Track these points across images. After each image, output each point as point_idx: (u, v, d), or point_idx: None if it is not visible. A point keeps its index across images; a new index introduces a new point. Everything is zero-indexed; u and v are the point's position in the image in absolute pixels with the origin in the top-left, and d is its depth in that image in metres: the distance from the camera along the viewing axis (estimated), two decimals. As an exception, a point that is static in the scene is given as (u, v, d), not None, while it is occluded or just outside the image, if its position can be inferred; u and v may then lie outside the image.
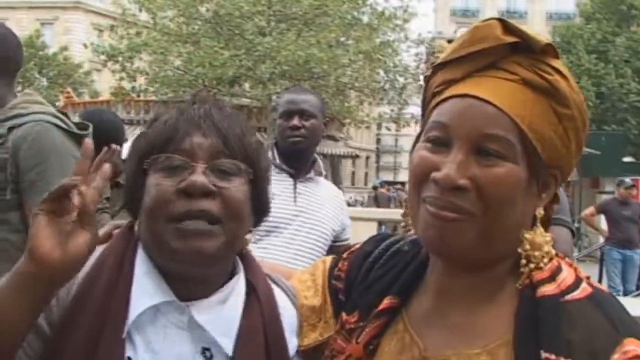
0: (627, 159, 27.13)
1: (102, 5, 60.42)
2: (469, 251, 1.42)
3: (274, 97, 26.68)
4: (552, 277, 1.42)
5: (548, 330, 1.34)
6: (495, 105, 1.39)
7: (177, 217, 1.54)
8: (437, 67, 1.53)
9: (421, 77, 32.67)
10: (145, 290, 1.59)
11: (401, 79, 31.11)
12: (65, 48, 50.77)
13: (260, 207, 1.73)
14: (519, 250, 1.42)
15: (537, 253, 1.42)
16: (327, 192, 4.31)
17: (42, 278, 1.39)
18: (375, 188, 34.82)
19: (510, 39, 1.41)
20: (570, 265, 1.47)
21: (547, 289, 1.40)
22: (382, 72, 31.01)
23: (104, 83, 43.38)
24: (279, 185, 4.02)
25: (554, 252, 1.48)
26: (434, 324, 1.50)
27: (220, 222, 1.56)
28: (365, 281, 1.67)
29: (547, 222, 1.52)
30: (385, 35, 30.06)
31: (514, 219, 1.40)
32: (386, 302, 1.57)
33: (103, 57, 28.54)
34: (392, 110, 33.37)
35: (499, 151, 1.38)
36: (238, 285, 1.69)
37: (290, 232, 3.93)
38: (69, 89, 32.43)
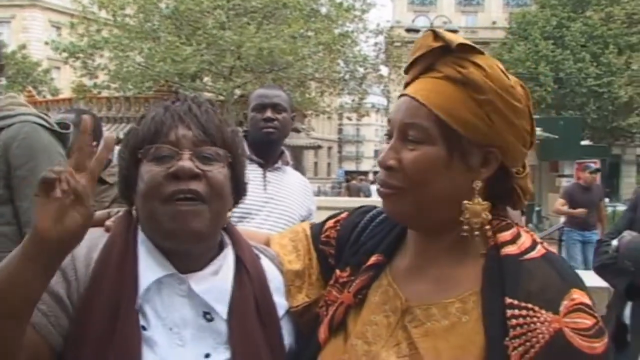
0: (584, 143, 27.60)
1: (59, 2, 59.77)
2: (410, 218, 1.78)
3: (236, 90, 26.80)
4: (513, 241, 1.71)
5: (510, 282, 1.63)
6: (417, 100, 1.72)
7: (168, 197, 1.78)
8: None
9: (380, 67, 32.75)
10: (150, 267, 1.84)
11: (361, 69, 31.20)
12: (23, 46, 49.96)
13: (238, 187, 2.00)
14: (461, 218, 1.70)
15: (475, 220, 1.69)
16: (294, 180, 4.64)
17: (44, 249, 1.59)
18: (347, 180, 36.66)
19: (438, 44, 1.72)
20: (528, 232, 1.76)
21: (509, 250, 1.69)
22: (342, 63, 31.14)
23: (64, 80, 43.11)
24: (249, 174, 4.26)
25: (513, 221, 1.78)
26: (414, 278, 1.80)
27: (206, 202, 1.80)
28: (356, 245, 1.98)
29: (510, 194, 1.82)
30: (344, 26, 30.18)
31: (439, 190, 1.70)
32: (373, 259, 1.88)
33: (64, 54, 28.47)
34: (352, 100, 33.48)
35: (416, 136, 1.70)
36: (227, 258, 1.95)
37: (261, 218, 4.18)
38: (30, 88, 32.20)
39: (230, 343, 1.84)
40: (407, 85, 1.81)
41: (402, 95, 1.79)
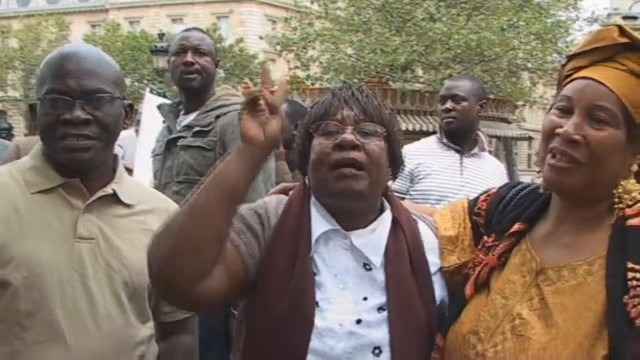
0: None
1: (275, -4, 61.62)
2: (578, 191, 2.01)
3: (446, 81, 26.64)
4: (639, 214, 1.95)
5: (633, 249, 1.89)
6: (606, 86, 1.96)
7: (334, 165, 2.19)
8: (571, 57, 2.11)
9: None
10: (319, 222, 2.26)
11: (574, 59, 30.25)
12: (240, 40, 51.36)
13: (395, 160, 2.35)
14: (614, 192, 1.98)
15: (627, 196, 1.97)
16: (491, 166, 5.01)
17: (252, 152, 2.01)
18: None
19: (624, 40, 1.99)
20: None
21: (635, 221, 1.94)
22: (555, 53, 30.32)
23: (279, 72, 44.12)
24: (446, 160, 4.83)
25: None
26: (549, 244, 2.10)
27: (364, 169, 2.19)
28: (502, 214, 2.28)
29: None
30: (557, 16, 29.36)
31: (612, 169, 1.98)
32: (517, 227, 2.18)
33: (278, 47, 29.49)
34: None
35: (606, 118, 1.95)
36: (385, 219, 2.32)
37: None
38: (247, 80, 33.29)
39: (386, 289, 2.20)
40: (580, 68, 2.06)
41: (583, 78, 2.02)
